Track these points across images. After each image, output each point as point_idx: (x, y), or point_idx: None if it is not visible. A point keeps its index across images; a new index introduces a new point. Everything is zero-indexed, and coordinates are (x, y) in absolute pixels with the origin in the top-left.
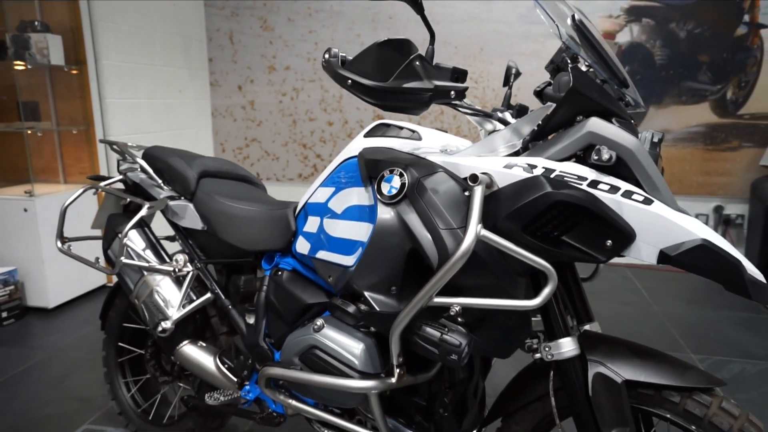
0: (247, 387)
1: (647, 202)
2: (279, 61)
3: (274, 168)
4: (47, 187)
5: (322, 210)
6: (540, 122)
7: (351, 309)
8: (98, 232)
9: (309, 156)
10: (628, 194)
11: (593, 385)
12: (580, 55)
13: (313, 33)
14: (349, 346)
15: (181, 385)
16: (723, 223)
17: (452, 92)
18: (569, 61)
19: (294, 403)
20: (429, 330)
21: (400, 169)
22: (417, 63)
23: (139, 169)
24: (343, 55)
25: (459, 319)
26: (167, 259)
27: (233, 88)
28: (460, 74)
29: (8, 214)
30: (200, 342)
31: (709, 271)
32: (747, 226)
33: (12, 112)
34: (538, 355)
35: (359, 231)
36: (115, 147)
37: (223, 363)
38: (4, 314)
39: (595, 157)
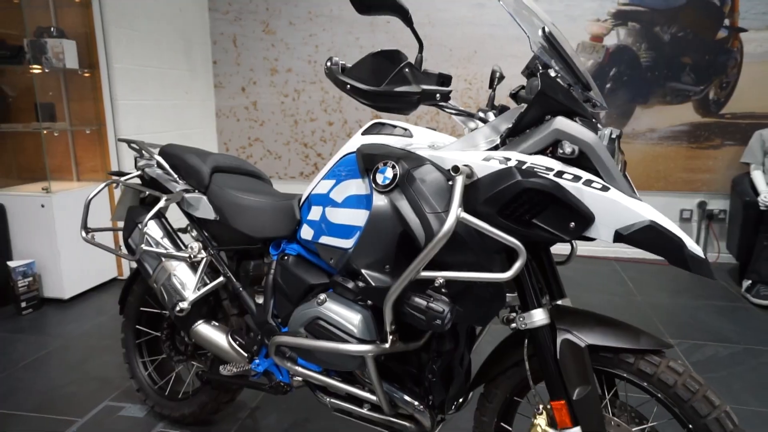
0: (257, 361)
1: (604, 189)
2: (281, 63)
3: (277, 166)
4: (61, 185)
5: (324, 200)
6: (514, 121)
7: (350, 285)
8: (114, 224)
9: (310, 155)
10: (588, 182)
11: (561, 350)
12: (549, 63)
13: (314, 36)
14: (349, 316)
15: (194, 363)
16: (707, 217)
17: (438, 95)
18: (541, 68)
19: (300, 369)
20: (417, 300)
21: (393, 162)
22: (406, 70)
23: (155, 165)
24: (343, 63)
25: (443, 290)
26: (183, 247)
27: (237, 90)
28: (445, 79)
29: (26, 210)
30: (213, 322)
31: (656, 247)
32: (728, 220)
33: (28, 113)
34: (514, 325)
35: (357, 217)
36: (133, 145)
37: (235, 340)
38: (23, 304)
39: (560, 151)
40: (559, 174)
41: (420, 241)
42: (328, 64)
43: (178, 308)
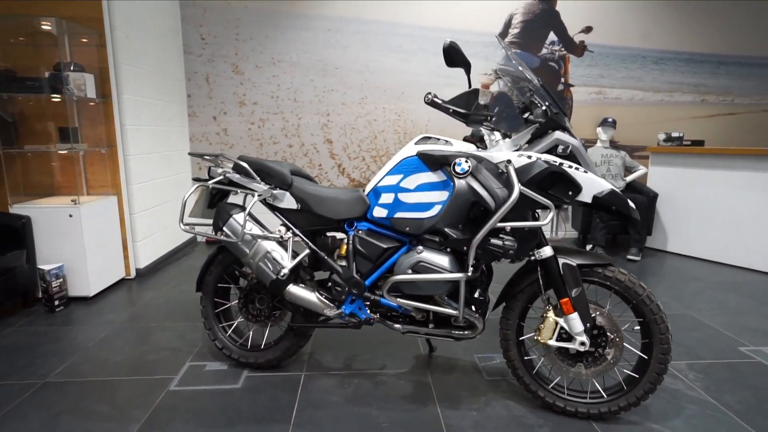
0: (344, 307)
1: (585, 172)
2: (248, 97)
3: None
4: (67, 199)
5: (395, 189)
6: (530, 135)
7: (437, 239)
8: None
9: None
10: (576, 168)
11: (563, 269)
12: (546, 98)
13: (276, 77)
14: (440, 259)
15: (269, 322)
16: (555, 207)
17: (489, 116)
18: (538, 103)
19: (401, 300)
20: (494, 241)
21: (465, 158)
22: (480, 102)
23: (232, 170)
24: (435, 95)
25: (508, 234)
26: (270, 231)
27: (209, 119)
28: (489, 108)
29: (53, 220)
30: (300, 284)
31: (615, 204)
32: (571, 208)
33: (45, 136)
34: (533, 257)
35: (434, 196)
36: (207, 157)
37: (321, 294)
38: (57, 302)
39: (559, 151)
40: (561, 164)
41: (491, 206)
42: (430, 96)
43: (282, 273)
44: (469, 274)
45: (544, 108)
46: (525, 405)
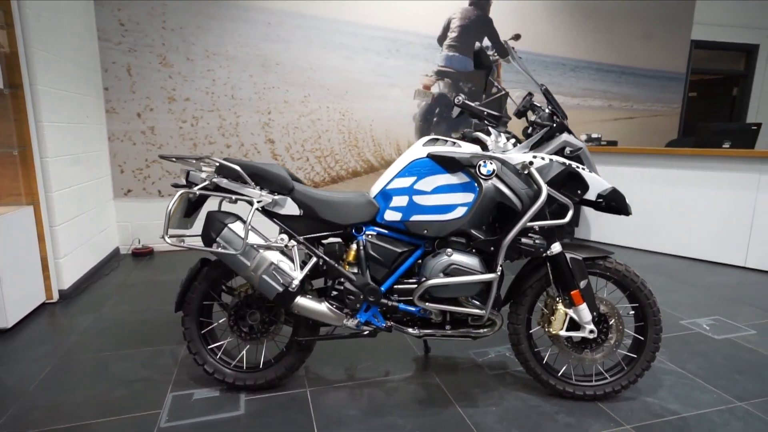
0: (358, 315)
1: (590, 172)
2: (179, 93)
3: None
4: None
5: (408, 191)
6: (537, 138)
7: (463, 240)
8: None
9: None
10: (583, 169)
11: (571, 263)
12: (551, 102)
13: (211, 71)
14: (471, 260)
15: (265, 339)
16: None
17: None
18: (540, 106)
19: (429, 304)
20: (525, 240)
21: (489, 160)
22: (505, 105)
23: (216, 174)
24: (466, 97)
25: (537, 233)
26: (269, 240)
27: (132, 115)
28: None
29: None
30: (307, 295)
31: (616, 201)
32: None
33: None
34: (545, 255)
35: (456, 198)
36: (181, 160)
37: (332, 304)
38: None
39: (567, 152)
40: (570, 165)
41: (517, 207)
42: (461, 98)
43: (292, 285)
44: (498, 274)
45: (548, 111)
46: (536, 394)
